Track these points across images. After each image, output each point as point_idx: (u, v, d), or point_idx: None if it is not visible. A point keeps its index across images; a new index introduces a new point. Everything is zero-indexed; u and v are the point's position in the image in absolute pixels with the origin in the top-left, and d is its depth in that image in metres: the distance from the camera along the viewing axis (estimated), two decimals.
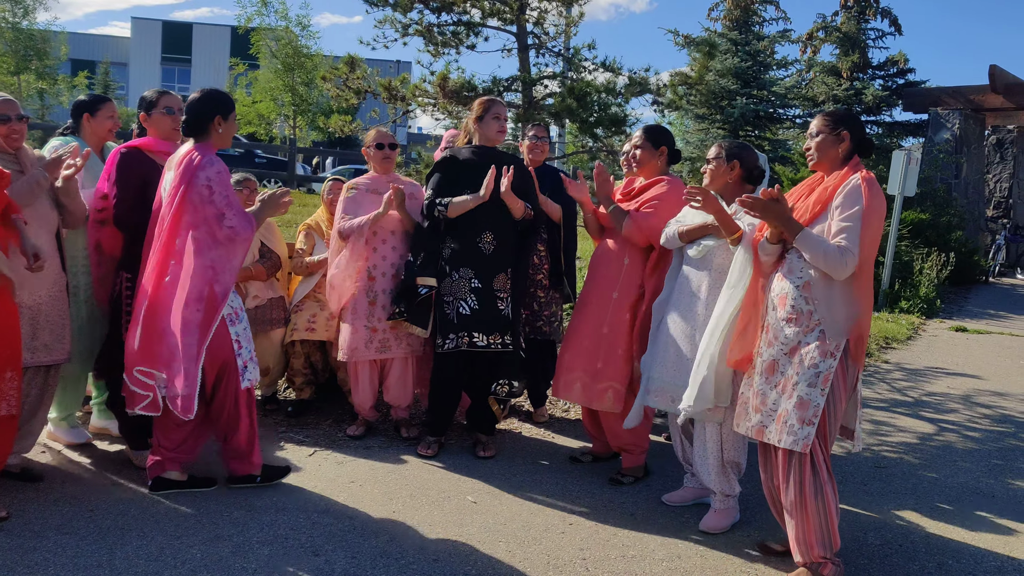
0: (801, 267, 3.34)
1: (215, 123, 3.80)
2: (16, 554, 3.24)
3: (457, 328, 4.53)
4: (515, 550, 3.60)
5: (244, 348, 3.86)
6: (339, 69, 8.78)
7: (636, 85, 8.16)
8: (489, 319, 4.53)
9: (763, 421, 3.38)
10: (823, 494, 3.30)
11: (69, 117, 4.53)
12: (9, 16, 28.67)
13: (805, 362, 3.29)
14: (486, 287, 4.53)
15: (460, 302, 4.53)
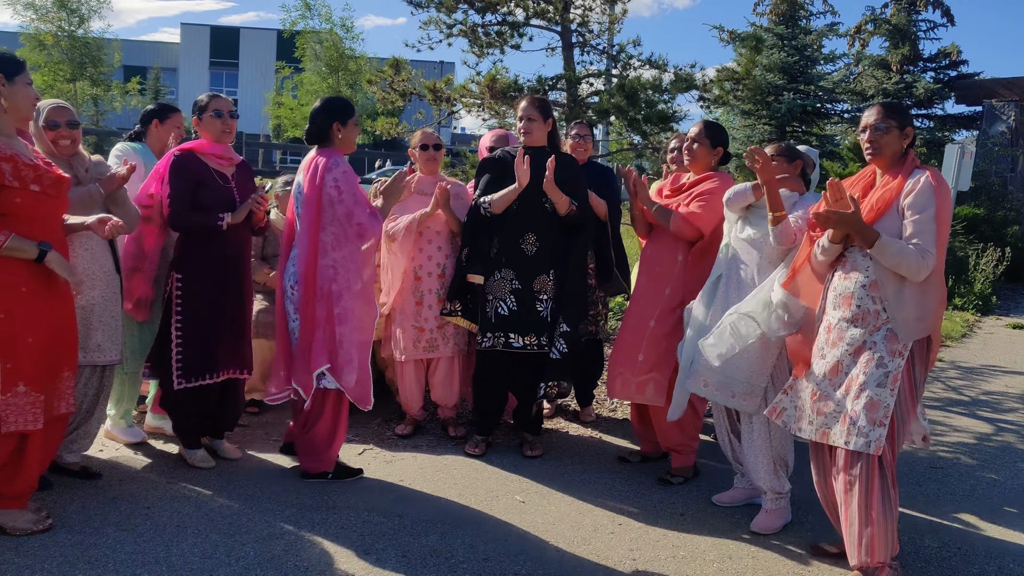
0: (867, 266, 3.27)
1: (334, 129, 4.09)
2: (77, 550, 3.31)
3: (494, 328, 4.55)
4: (565, 550, 3.59)
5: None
6: (384, 71, 8.83)
7: (682, 81, 8.08)
8: (526, 320, 4.52)
9: (826, 423, 3.31)
10: (889, 498, 3.23)
11: (124, 123, 4.61)
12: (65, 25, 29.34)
13: (873, 362, 3.22)
14: (526, 288, 4.52)
15: (500, 302, 4.54)
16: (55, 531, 3.44)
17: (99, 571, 3.16)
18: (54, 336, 3.35)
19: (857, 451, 3.20)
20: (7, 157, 3.18)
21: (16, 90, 3.27)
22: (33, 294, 3.25)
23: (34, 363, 3.26)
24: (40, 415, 3.27)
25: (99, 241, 3.89)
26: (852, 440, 3.20)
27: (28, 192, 3.22)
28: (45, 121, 3.82)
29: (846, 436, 3.22)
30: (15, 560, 3.19)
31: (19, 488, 3.37)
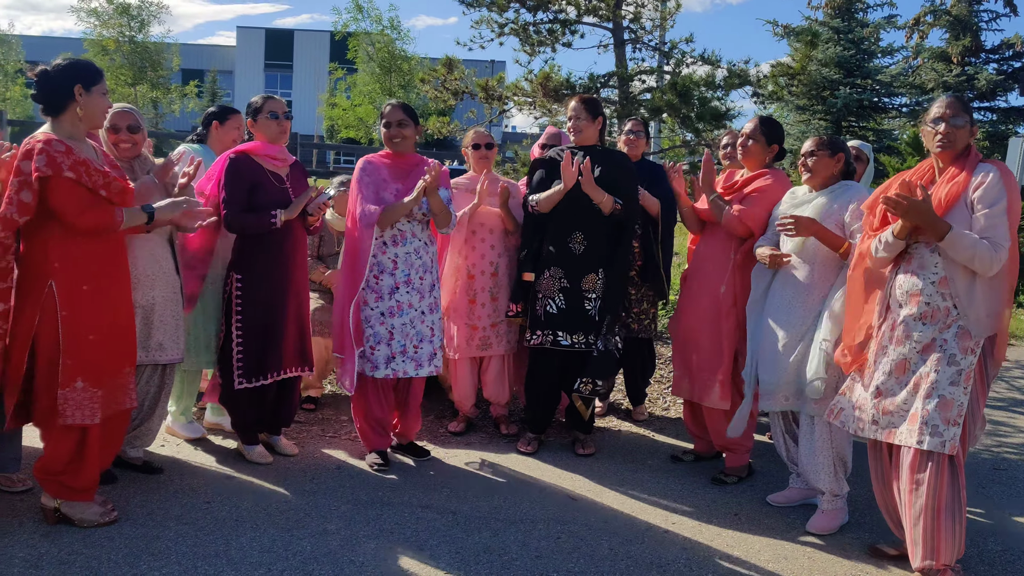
0: (935, 262, 3.20)
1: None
2: (142, 542, 3.40)
3: (543, 325, 4.55)
4: (617, 548, 3.59)
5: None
6: (437, 71, 8.90)
7: (735, 77, 8.01)
8: (574, 319, 4.51)
9: (892, 422, 3.25)
10: (959, 498, 3.16)
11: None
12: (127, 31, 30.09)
13: (944, 360, 3.15)
14: (574, 287, 4.51)
15: (549, 300, 4.54)
16: (120, 523, 3.54)
17: (162, 563, 3.25)
18: (114, 333, 3.45)
19: (928, 451, 3.14)
20: (80, 162, 3.28)
21: (92, 99, 3.36)
22: (94, 292, 3.35)
23: (94, 360, 3.35)
24: (98, 410, 3.36)
25: (159, 242, 3.99)
26: (926, 440, 3.13)
27: (96, 196, 3.33)
28: (108, 124, 3.93)
29: (918, 436, 3.15)
30: (83, 551, 3.29)
31: (84, 481, 3.47)
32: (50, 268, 3.27)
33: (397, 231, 4.31)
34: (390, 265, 4.29)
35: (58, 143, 3.26)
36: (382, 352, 4.28)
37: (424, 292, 4.36)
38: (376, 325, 4.29)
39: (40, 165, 3.19)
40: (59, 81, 3.31)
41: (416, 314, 4.33)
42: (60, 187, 3.23)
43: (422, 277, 4.35)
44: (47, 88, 3.33)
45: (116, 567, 3.19)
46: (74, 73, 3.33)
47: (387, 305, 4.29)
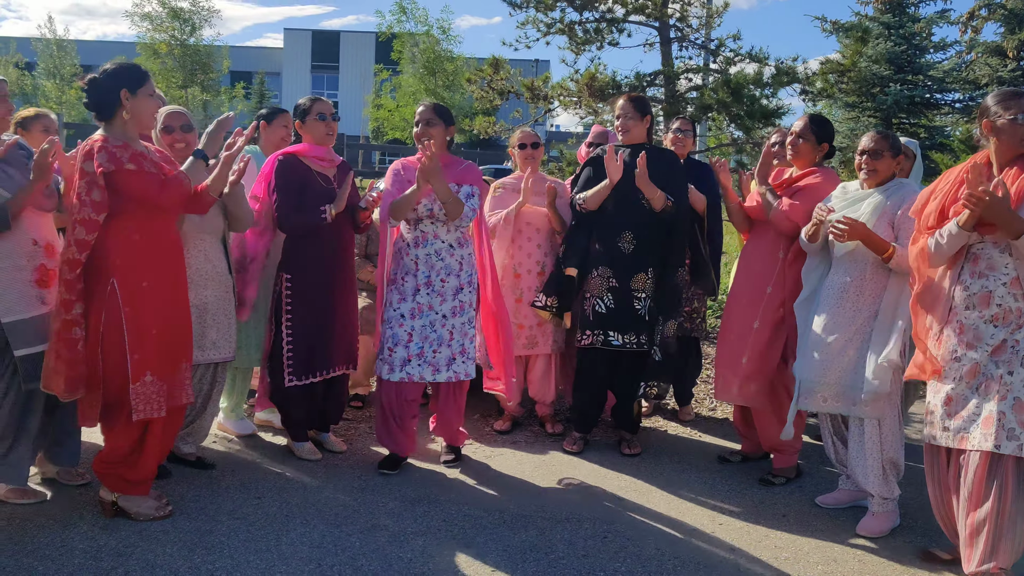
0: (1006, 263, 3.12)
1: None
2: (195, 536, 3.48)
3: (593, 325, 4.55)
4: (664, 548, 3.58)
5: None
6: (483, 71, 8.94)
7: (784, 75, 7.93)
8: (625, 319, 4.50)
9: (964, 428, 3.17)
10: (1022, 501, 3.11)
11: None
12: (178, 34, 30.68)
13: (1018, 362, 3.08)
14: (623, 287, 4.51)
15: (597, 300, 4.54)
16: (175, 517, 3.62)
17: (215, 556, 3.31)
18: (173, 329, 3.53)
19: (999, 455, 3.07)
20: (138, 154, 3.42)
21: (139, 101, 3.45)
22: (153, 288, 3.43)
23: (158, 354, 3.44)
24: (163, 404, 3.45)
25: (213, 242, 4.07)
26: (1003, 444, 3.05)
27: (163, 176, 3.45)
28: (162, 126, 4.02)
29: (994, 440, 3.06)
30: (140, 544, 3.37)
31: (142, 474, 3.56)
32: (111, 266, 3.36)
33: (419, 232, 4.24)
34: (412, 266, 4.23)
35: (114, 140, 3.39)
36: (399, 355, 4.21)
37: (447, 295, 4.25)
38: (396, 326, 4.23)
39: (102, 161, 3.30)
40: (106, 87, 3.42)
41: (436, 317, 4.24)
42: (128, 178, 3.35)
43: (444, 280, 4.24)
44: (96, 95, 3.44)
45: (171, 560, 3.26)
46: (119, 78, 3.43)
47: (408, 307, 4.22)
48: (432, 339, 4.23)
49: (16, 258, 3.52)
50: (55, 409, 3.77)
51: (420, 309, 4.22)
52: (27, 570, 3.13)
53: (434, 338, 4.23)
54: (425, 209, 4.19)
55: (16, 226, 3.52)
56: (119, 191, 3.35)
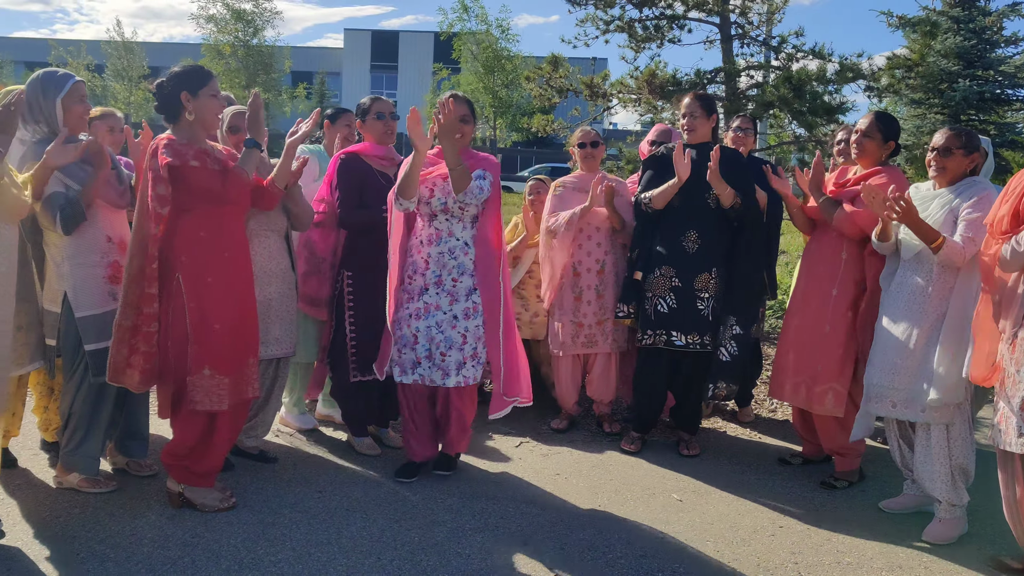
0: None
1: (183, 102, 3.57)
2: (258, 528, 3.55)
3: (655, 325, 4.51)
4: (723, 550, 3.54)
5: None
6: (542, 69, 8.94)
7: (848, 71, 7.78)
8: (687, 319, 4.46)
9: None
10: None
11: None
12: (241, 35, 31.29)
13: None
14: (686, 286, 4.46)
15: (659, 299, 4.50)
16: (238, 509, 3.70)
17: (277, 548, 3.38)
18: (238, 324, 3.61)
19: None
20: (202, 151, 3.52)
21: (200, 102, 3.53)
22: (216, 284, 3.51)
23: (220, 348, 3.52)
24: (226, 397, 3.53)
25: (276, 240, 4.14)
26: None
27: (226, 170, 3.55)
28: (227, 126, 4.11)
29: None
30: (205, 534, 3.45)
31: (208, 466, 3.65)
32: (177, 262, 3.46)
33: (433, 229, 4.02)
34: (422, 264, 4.02)
35: (180, 139, 3.50)
36: (408, 356, 4.02)
37: (458, 296, 3.99)
38: (404, 327, 4.03)
39: (167, 155, 3.41)
40: (169, 91, 3.54)
41: (445, 318, 3.97)
42: (191, 173, 3.45)
43: (456, 280, 3.98)
44: (161, 98, 3.57)
45: (235, 550, 3.33)
46: (179, 81, 3.54)
47: (415, 307, 4.01)
48: (440, 341, 3.98)
49: (91, 254, 3.64)
50: (125, 402, 3.89)
51: (427, 309, 3.99)
52: (99, 557, 3.23)
53: (442, 340, 3.97)
54: (439, 203, 3.97)
55: (92, 223, 3.63)
56: (184, 186, 3.44)
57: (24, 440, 4.24)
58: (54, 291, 3.68)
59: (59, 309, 3.66)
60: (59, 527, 3.46)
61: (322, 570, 3.22)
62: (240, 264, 3.64)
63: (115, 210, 3.79)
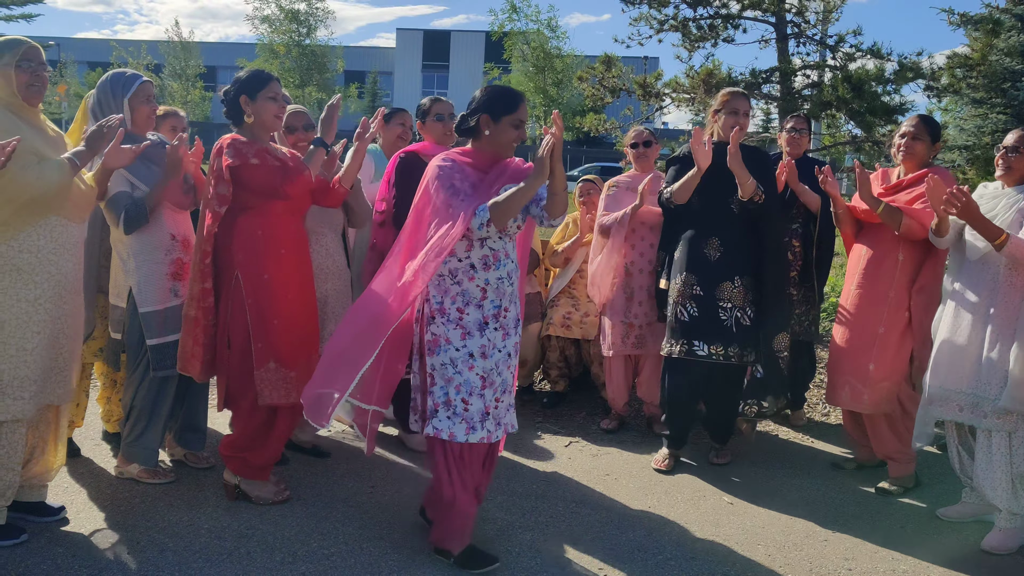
0: None
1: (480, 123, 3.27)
2: (311, 522, 3.60)
3: (678, 334, 4.31)
4: (775, 555, 3.51)
5: (437, 386, 3.23)
6: (595, 68, 8.93)
7: (907, 71, 7.64)
8: (711, 328, 4.24)
9: None
10: None
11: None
12: (295, 36, 31.76)
13: None
14: (708, 295, 4.26)
15: (680, 307, 4.31)
16: (292, 503, 3.76)
17: (330, 542, 3.43)
18: (300, 320, 3.68)
19: None
20: (263, 150, 3.62)
21: (259, 105, 3.62)
22: (274, 281, 3.58)
23: (282, 343, 3.59)
24: (292, 391, 3.59)
25: (333, 238, 4.21)
26: None
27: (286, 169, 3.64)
28: (285, 126, 4.18)
29: None
30: (260, 526, 3.52)
31: (264, 459, 3.72)
32: (235, 259, 3.53)
33: (489, 250, 3.25)
34: (478, 294, 3.24)
35: (241, 138, 3.60)
36: (476, 406, 3.22)
37: (509, 329, 3.33)
38: (465, 370, 3.21)
39: (229, 156, 3.51)
40: (232, 95, 3.65)
41: (501, 356, 3.30)
42: (252, 172, 3.54)
43: (507, 309, 3.31)
44: (226, 103, 3.68)
45: (289, 543, 3.39)
46: (239, 87, 3.64)
47: (477, 345, 3.23)
48: (498, 385, 3.30)
49: (156, 252, 3.74)
50: (184, 396, 3.98)
51: (490, 347, 3.26)
52: (159, 546, 3.31)
53: (499, 384, 3.31)
54: (513, 225, 3.30)
55: (156, 222, 3.73)
56: (245, 185, 3.52)
57: (87, 430, 4.36)
58: (120, 287, 3.78)
59: (125, 304, 3.76)
60: (120, 516, 3.55)
61: (374, 565, 3.26)
62: (298, 262, 3.70)
63: (179, 210, 3.89)
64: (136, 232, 3.68)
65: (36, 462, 3.42)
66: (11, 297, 3.12)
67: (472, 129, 3.31)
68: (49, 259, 3.21)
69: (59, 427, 3.50)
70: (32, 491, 3.44)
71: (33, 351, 3.18)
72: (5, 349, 3.12)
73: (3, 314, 3.11)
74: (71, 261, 3.32)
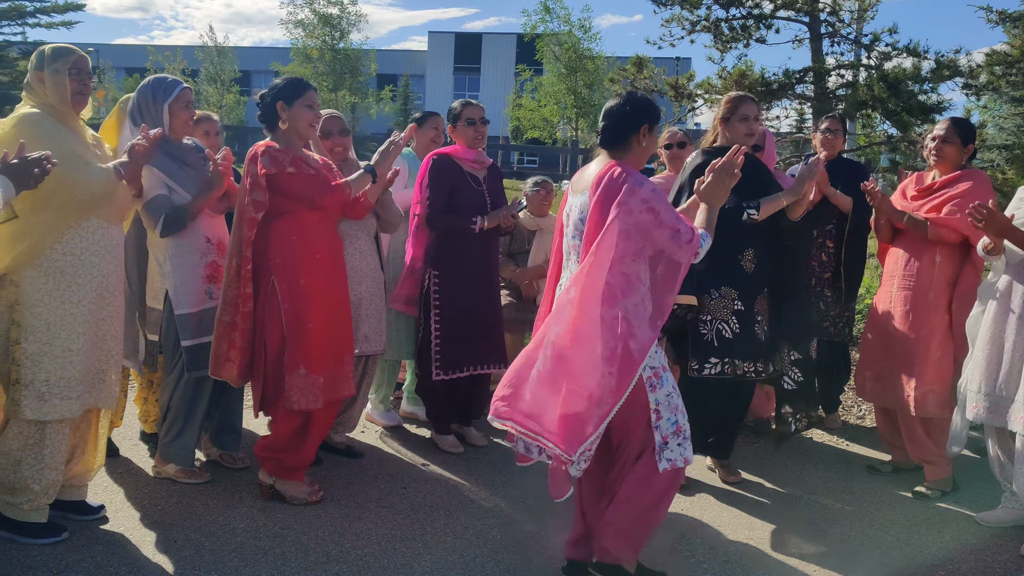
0: None
1: (640, 135, 3.04)
2: (345, 522, 3.63)
3: (720, 353, 3.97)
4: (809, 557, 3.48)
5: (664, 419, 3.00)
6: (627, 70, 8.91)
7: (944, 68, 7.53)
8: (749, 345, 3.98)
9: None
10: None
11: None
12: (328, 40, 32.01)
13: None
14: (748, 310, 3.98)
15: (723, 324, 3.97)
16: (326, 503, 3.79)
17: (364, 542, 3.45)
18: (334, 325, 3.71)
19: None
20: (298, 157, 3.66)
21: (294, 112, 3.66)
22: (310, 286, 3.62)
23: (314, 348, 3.62)
24: (320, 396, 3.62)
25: (366, 241, 4.25)
26: None
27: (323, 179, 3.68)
28: (320, 130, 4.22)
29: None
30: (294, 526, 3.56)
31: (299, 461, 3.76)
32: (272, 265, 3.57)
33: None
34: None
35: (275, 146, 3.64)
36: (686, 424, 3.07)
37: None
38: (676, 392, 3.05)
39: (265, 164, 3.55)
40: (268, 101, 3.70)
41: None
42: (288, 180, 3.58)
43: None
44: (262, 108, 3.72)
45: (323, 543, 3.42)
46: (276, 92, 3.69)
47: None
48: None
49: (192, 255, 3.79)
50: (220, 397, 4.03)
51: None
52: (195, 545, 3.36)
53: None
54: None
55: (191, 225, 3.78)
56: (281, 192, 3.56)
57: (125, 431, 4.43)
58: (157, 289, 3.84)
59: (161, 306, 3.82)
60: (157, 515, 3.61)
61: (407, 565, 3.28)
62: (333, 266, 3.74)
63: (214, 214, 3.94)
64: (172, 235, 3.73)
65: (77, 462, 3.48)
66: (55, 299, 3.19)
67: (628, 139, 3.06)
68: (91, 261, 3.27)
69: (99, 428, 3.56)
70: (73, 490, 3.50)
71: (78, 352, 3.24)
72: (51, 350, 3.19)
73: (48, 316, 3.18)
74: (112, 263, 3.38)
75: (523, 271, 5.40)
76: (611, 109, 3.07)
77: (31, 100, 3.29)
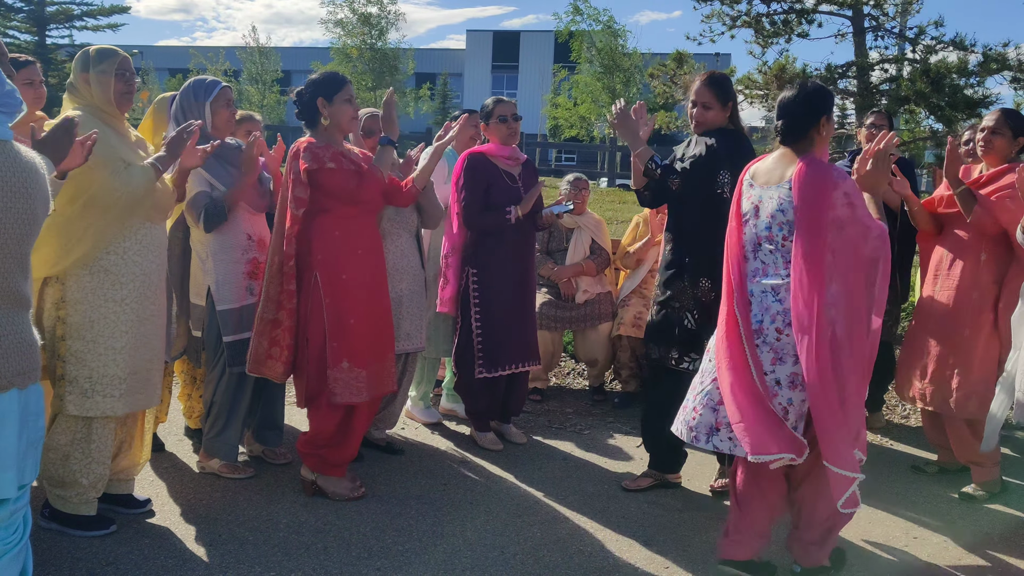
0: None
1: (820, 125, 3.03)
2: (386, 518, 3.66)
3: (687, 345, 3.80)
4: (853, 559, 3.43)
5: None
6: (667, 66, 8.86)
7: (992, 62, 7.38)
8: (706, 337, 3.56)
9: None
10: None
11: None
12: (368, 39, 32.20)
13: None
14: (716, 300, 3.55)
15: (689, 313, 3.79)
16: (367, 499, 3.82)
17: (405, 538, 3.48)
18: (375, 320, 3.74)
19: None
20: (339, 153, 3.69)
21: (335, 108, 3.69)
22: (351, 281, 3.65)
23: (357, 343, 3.65)
24: (364, 390, 3.65)
25: (407, 238, 4.28)
26: None
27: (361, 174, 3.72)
28: (362, 128, 4.25)
29: None
30: (335, 522, 3.59)
31: (342, 456, 3.79)
32: (314, 260, 3.61)
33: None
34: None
35: (316, 142, 3.67)
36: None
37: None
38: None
39: (306, 160, 3.58)
40: (306, 98, 3.72)
41: None
42: (329, 175, 3.61)
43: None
44: (301, 105, 3.75)
45: (364, 539, 3.45)
46: (315, 88, 3.71)
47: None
48: None
49: (233, 251, 3.84)
50: (262, 392, 4.08)
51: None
52: (239, 539, 3.40)
53: None
54: None
55: (233, 222, 3.83)
56: (321, 188, 3.59)
57: (170, 426, 4.50)
58: (199, 285, 3.90)
59: (204, 303, 3.88)
60: (202, 509, 3.66)
61: (448, 561, 3.30)
62: (374, 262, 3.77)
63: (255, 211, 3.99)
64: (214, 232, 3.79)
65: (123, 456, 3.54)
66: (100, 297, 3.24)
67: None
68: (134, 260, 3.31)
69: (145, 423, 3.62)
70: (120, 484, 3.57)
71: (122, 350, 3.29)
72: (95, 348, 3.24)
73: (92, 314, 3.23)
74: (155, 262, 3.43)
75: (561, 269, 5.39)
76: (787, 105, 3.05)
77: (75, 101, 3.34)
